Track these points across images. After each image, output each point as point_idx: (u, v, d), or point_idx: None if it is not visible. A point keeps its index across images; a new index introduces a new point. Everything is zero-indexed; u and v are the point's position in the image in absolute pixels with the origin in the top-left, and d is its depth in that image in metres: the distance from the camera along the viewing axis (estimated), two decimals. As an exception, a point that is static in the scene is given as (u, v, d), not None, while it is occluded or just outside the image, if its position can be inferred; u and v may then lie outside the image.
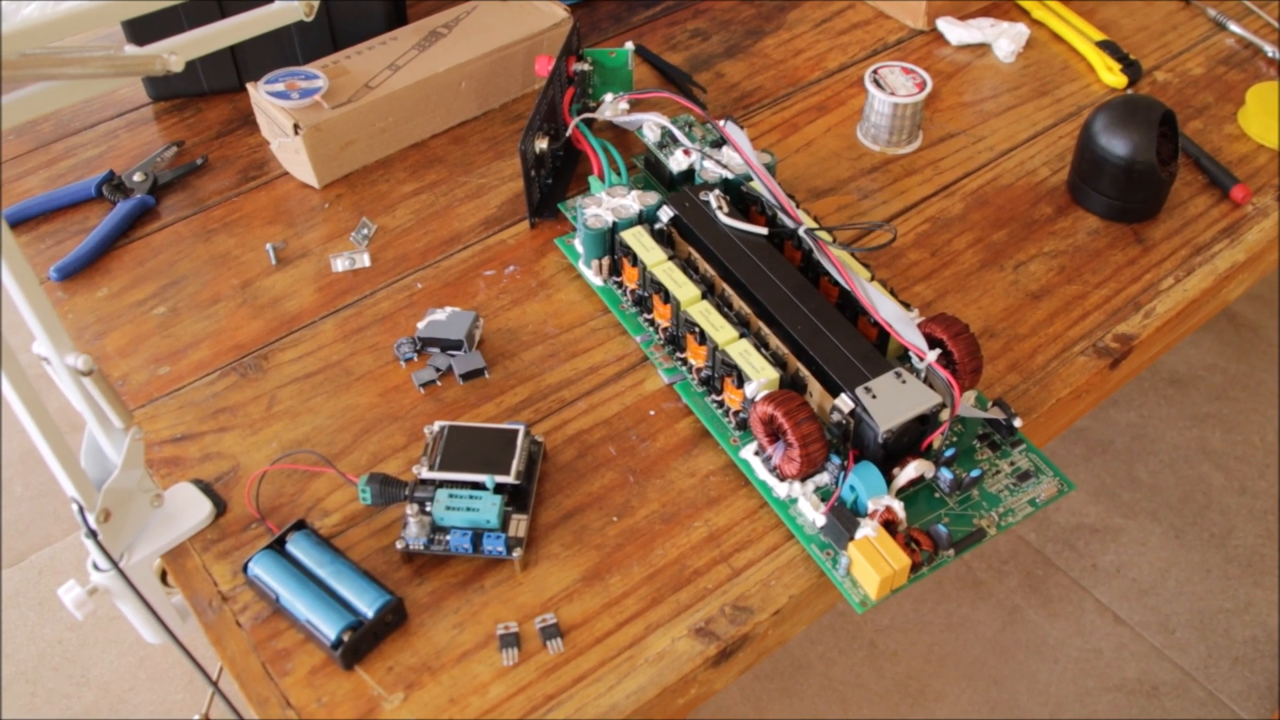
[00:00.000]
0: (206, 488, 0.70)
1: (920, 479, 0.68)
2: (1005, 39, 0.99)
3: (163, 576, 0.70)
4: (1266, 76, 0.98)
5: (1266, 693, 1.38)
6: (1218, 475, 1.58)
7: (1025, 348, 0.77)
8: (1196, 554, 1.50)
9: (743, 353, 0.70)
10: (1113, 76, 0.96)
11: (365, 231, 0.86)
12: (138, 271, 0.84)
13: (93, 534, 0.63)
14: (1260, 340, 1.74)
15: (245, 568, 0.64)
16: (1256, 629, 1.43)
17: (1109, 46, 0.98)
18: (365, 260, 0.84)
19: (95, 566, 0.66)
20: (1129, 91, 0.96)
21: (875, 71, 0.90)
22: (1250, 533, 1.52)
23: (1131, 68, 0.96)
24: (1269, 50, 0.99)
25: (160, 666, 1.41)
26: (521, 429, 0.68)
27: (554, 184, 0.88)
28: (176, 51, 0.60)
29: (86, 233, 0.86)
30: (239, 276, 0.83)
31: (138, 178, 0.90)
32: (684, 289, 0.74)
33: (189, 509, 0.69)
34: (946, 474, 0.68)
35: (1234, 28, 1.02)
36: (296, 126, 0.86)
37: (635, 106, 0.90)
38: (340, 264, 0.83)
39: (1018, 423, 0.71)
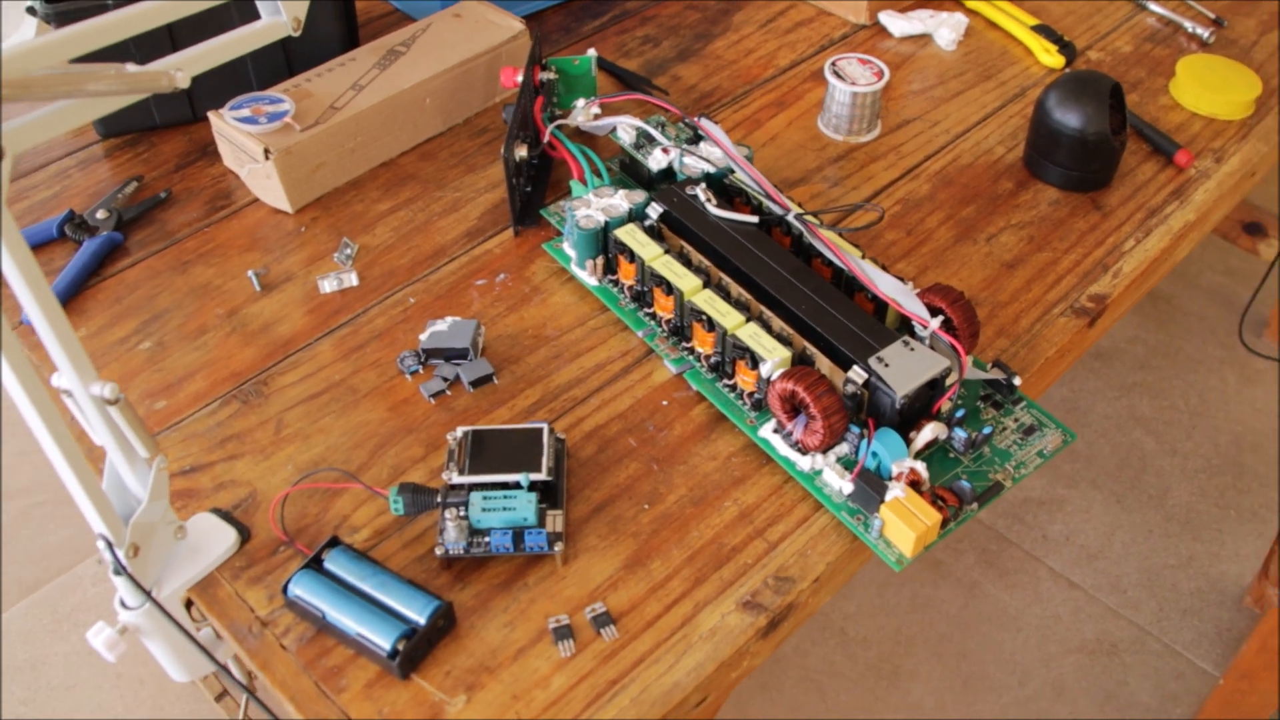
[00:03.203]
0: (227, 515, 0.69)
1: (934, 441, 0.71)
2: (945, 28, 1.03)
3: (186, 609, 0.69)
4: (1188, 50, 1.04)
5: (1217, 639, 1.44)
6: (1149, 440, 1.65)
7: (1009, 314, 0.81)
8: (1138, 516, 1.57)
9: (753, 335, 0.72)
10: (1050, 58, 1.01)
11: (348, 251, 0.85)
12: (115, 309, 0.82)
13: (122, 569, 0.62)
14: (1175, 310, 1.83)
15: (285, 590, 0.63)
16: (1201, 581, 1.50)
17: (1044, 30, 1.03)
18: (353, 279, 0.83)
19: (123, 604, 0.64)
20: (1067, 70, 1.01)
21: (834, 63, 0.93)
22: (1185, 491, 1.59)
23: (1067, 49, 1.02)
24: (1188, 26, 1.06)
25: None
26: (545, 426, 0.69)
27: (532, 191, 0.89)
28: (181, 68, 0.60)
29: (54, 274, 0.84)
30: (224, 305, 0.82)
31: (101, 215, 0.88)
32: (685, 280, 0.75)
33: (213, 538, 0.67)
34: (960, 433, 0.70)
35: (1154, 7, 1.08)
36: (267, 151, 0.85)
37: (602, 111, 0.91)
38: (328, 285, 0.83)
39: (1017, 381, 0.74)
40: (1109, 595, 1.49)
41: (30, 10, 0.87)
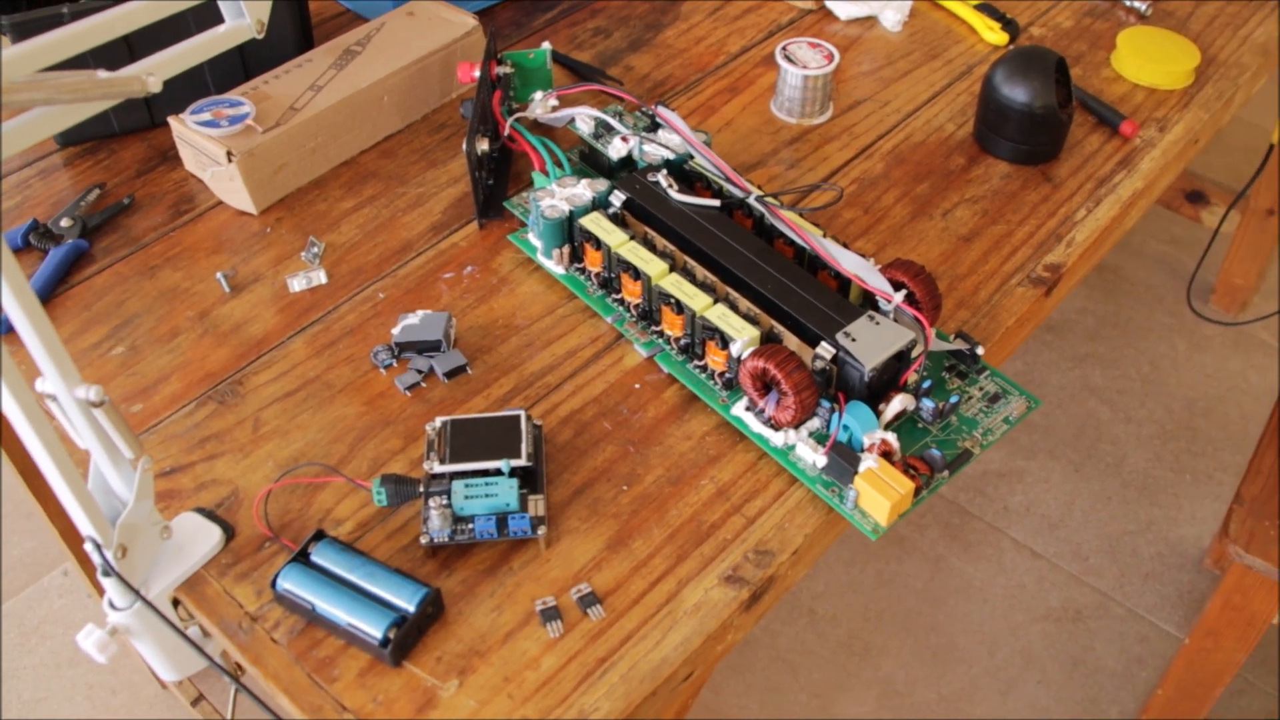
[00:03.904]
0: (211, 514, 0.69)
1: (903, 412, 0.73)
2: (890, 10, 1.05)
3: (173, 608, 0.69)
4: (1127, 23, 1.07)
5: (1178, 602, 1.48)
6: (1103, 409, 1.69)
7: (968, 286, 0.83)
8: (1096, 484, 1.61)
9: (721, 315, 0.73)
10: (994, 35, 1.04)
11: (315, 250, 0.85)
12: (85, 316, 0.82)
13: (111, 571, 0.62)
14: (1122, 280, 1.87)
15: (273, 584, 0.64)
16: (1160, 545, 1.54)
17: (986, 9, 1.05)
18: (321, 277, 0.84)
19: (112, 605, 0.64)
20: (1012, 47, 1.03)
21: (784, 48, 0.95)
22: (1140, 458, 1.63)
23: (1010, 26, 1.04)
24: (1127, 0, 1.09)
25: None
26: (522, 413, 0.70)
27: (494, 184, 0.90)
28: (153, 72, 0.60)
29: (19, 284, 0.83)
30: (194, 308, 0.82)
31: (65, 223, 0.87)
32: (652, 265, 0.77)
33: (198, 537, 0.68)
34: (928, 403, 0.72)
35: (1092, -18, 1.11)
36: (230, 154, 0.86)
37: (560, 103, 0.92)
38: (297, 284, 0.83)
39: (980, 351, 0.76)
40: (1071, 563, 1.52)
41: (-17, 21, 0.87)
